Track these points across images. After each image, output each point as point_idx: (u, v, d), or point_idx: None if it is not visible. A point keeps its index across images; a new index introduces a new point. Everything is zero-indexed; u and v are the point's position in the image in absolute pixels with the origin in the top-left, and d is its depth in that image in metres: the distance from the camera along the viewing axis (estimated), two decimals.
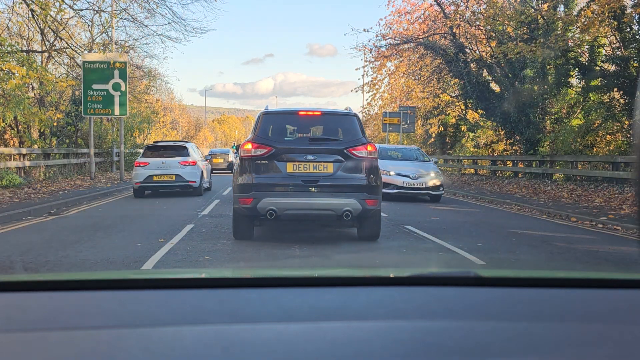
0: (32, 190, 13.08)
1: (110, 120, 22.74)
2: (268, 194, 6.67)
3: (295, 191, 6.71)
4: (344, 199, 6.72)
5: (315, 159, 6.74)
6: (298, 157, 6.74)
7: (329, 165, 6.76)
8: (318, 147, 6.85)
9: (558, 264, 6.42)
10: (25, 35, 20.34)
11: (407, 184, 13.45)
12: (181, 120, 55.24)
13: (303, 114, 7.38)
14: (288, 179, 6.71)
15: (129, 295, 1.37)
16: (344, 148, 6.83)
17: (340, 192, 6.73)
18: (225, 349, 1.03)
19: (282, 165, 6.74)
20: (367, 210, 6.79)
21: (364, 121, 33.51)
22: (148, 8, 16.75)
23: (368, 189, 6.80)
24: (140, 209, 10.72)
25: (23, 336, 1.09)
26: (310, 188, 6.69)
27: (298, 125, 7.57)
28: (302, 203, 6.74)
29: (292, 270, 2.42)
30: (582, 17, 13.94)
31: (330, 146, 6.87)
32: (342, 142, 6.96)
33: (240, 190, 6.80)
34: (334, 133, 7.23)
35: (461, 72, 18.93)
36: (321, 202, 6.73)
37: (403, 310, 1.29)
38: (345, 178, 6.78)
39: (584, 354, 1.06)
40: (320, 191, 6.70)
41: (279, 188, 6.70)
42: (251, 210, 6.71)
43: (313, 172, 6.74)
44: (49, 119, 16.99)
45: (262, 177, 6.72)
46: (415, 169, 13.84)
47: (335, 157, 6.78)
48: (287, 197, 6.71)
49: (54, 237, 7.31)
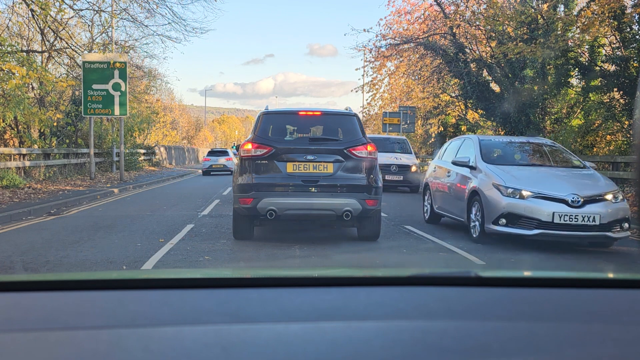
0: (32, 190, 13.09)
1: (110, 120, 22.74)
2: (268, 194, 6.66)
3: (295, 191, 6.69)
4: (344, 199, 6.70)
5: (315, 159, 6.71)
6: (298, 157, 6.72)
7: (329, 165, 6.74)
8: (318, 147, 6.82)
9: (558, 263, 6.42)
10: (26, 35, 20.33)
11: (563, 217, 6.80)
12: (181, 120, 55.23)
13: (303, 114, 7.36)
14: (288, 179, 6.70)
15: (129, 295, 1.37)
16: (344, 148, 6.80)
17: (340, 192, 6.71)
18: (225, 349, 1.03)
19: (282, 165, 6.73)
20: (367, 210, 6.76)
21: (364, 121, 33.31)
22: (148, 8, 16.76)
23: (368, 189, 6.78)
24: (140, 209, 10.73)
25: (23, 336, 1.09)
26: (310, 188, 6.67)
27: (298, 125, 7.54)
28: (302, 203, 6.71)
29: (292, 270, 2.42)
30: (582, 17, 13.93)
31: (330, 146, 6.85)
32: (342, 142, 6.94)
33: (240, 190, 6.77)
34: (334, 133, 7.21)
35: (461, 72, 18.93)
36: (321, 202, 6.71)
37: (403, 310, 1.29)
38: (345, 178, 6.75)
39: (584, 354, 1.06)
40: (321, 191, 6.68)
41: (279, 188, 6.69)
42: (251, 210, 6.69)
43: (313, 172, 6.72)
44: (49, 119, 16.98)
45: (262, 177, 6.70)
46: (573, 185, 7.16)
47: (335, 157, 6.75)
48: (287, 197, 6.69)
49: (54, 237, 7.30)
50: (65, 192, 13.13)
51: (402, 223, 9.21)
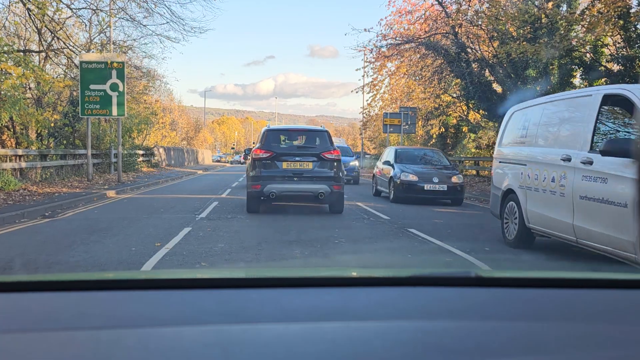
0: (28, 192, 13.07)
1: (108, 121, 22.73)
2: (270, 182, 10.07)
3: (288, 180, 10.14)
4: (319, 184, 10.16)
5: (301, 159, 10.22)
6: (289, 159, 10.24)
7: (309, 163, 10.21)
8: (302, 152, 10.41)
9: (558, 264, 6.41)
10: (23, 35, 20.35)
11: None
12: (180, 121, 55.20)
13: (292, 130, 12.37)
14: (283, 172, 10.14)
15: (128, 295, 1.38)
16: (319, 152, 10.27)
17: (316, 181, 10.16)
18: (225, 349, 1.04)
19: (279, 163, 10.19)
20: (334, 192, 10.24)
21: (364, 122, 36.49)
22: (146, 7, 16.78)
23: (335, 179, 10.24)
24: (137, 212, 10.72)
25: (23, 336, 1.09)
26: (297, 178, 10.14)
27: (289, 137, 11.79)
28: (292, 187, 10.27)
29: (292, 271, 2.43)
30: (587, 16, 13.93)
31: (310, 151, 10.36)
32: (317, 148, 10.41)
33: (252, 180, 10.25)
34: (312, 142, 10.78)
35: (463, 72, 18.92)
36: (304, 187, 10.26)
37: (403, 310, 1.30)
38: (320, 172, 10.21)
39: (584, 355, 1.07)
40: (304, 180, 10.17)
41: (277, 178, 10.10)
42: (259, 193, 10.13)
43: (299, 168, 10.20)
44: (46, 119, 16.97)
45: (266, 171, 10.15)
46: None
47: (313, 159, 10.22)
48: (283, 183, 10.13)
49: (47, 241, 7.21)
50: (62, 194, 13.11)
51: (405, 226, 9.22)
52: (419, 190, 13.35)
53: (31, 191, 13.26)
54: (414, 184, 13.43)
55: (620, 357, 1.07)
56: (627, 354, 1.08)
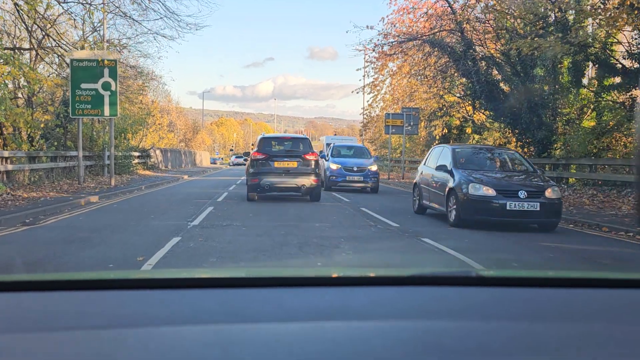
0: (11, 196, 12.27)
1: (102, 121, 21.94)
2: (265, 176, 13.37)
3: (278, 175, 13.44)
4: (302, 178, 13.48)
5: (288, 160, 13.55)
6: (280, 159, 13.55)
7: (295, 162, 13.53)
8: (289, 154, 13.73)
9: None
10: (12, 32, 19.53)
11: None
12: (178, 122, 54.49)
13: (282, 137, 15.38)
14: (275, 169, 13.45)
15: (129, 295, 1.39)
16: (301, 155, 13.65)
17: (300, 176, 13.47)
18: (225, 349, 1.05)
19: (272, 162, 13.49)
20: (313, 185, 13.61)
21: (364, 123, 38.23)
22: (139, 3, 15.97)
23: (314, 174, 13.61)
24: (124, 218, 9.96)
25: (23, 336, 1.11)
26: (285, 173, 13.46)
27: (279, 143, 14.47)
28: (282, 181, 13.49)
29: (292, 270, 2.46)
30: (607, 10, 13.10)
31: (295, 154, 13.72)
32: (300, 152, 13.77)
33: (252, 175, 13.55)
34: (297, 147, 14.06)
35: (469, 71, 18.18)
36: (291, 180, 13.49)
37: (403, 310, 1.31)
38: (303, 169, 13.54)
39: (584, 354, 1.07)
40: (291, 175, 13.46)
41: (271, 174, 13.40)
42: (257, 185, 13.42)
43: (287, 166, 13.49)
44: (35, 120, 16.20)
45: (262, 168, 13.45)
46: None
47: (297, 159, 13.55)
48: (275, 178, 13.40)
49: (19, 254, 6.55)
50: (47, 199, 12.37)
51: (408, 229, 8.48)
52: (497, 210, 9.17)
53: (15, 195, 12.53)
54: (490, 200, 9.23)
55: (621, 356, 1.07)
56: (627, 353, 1.08)
